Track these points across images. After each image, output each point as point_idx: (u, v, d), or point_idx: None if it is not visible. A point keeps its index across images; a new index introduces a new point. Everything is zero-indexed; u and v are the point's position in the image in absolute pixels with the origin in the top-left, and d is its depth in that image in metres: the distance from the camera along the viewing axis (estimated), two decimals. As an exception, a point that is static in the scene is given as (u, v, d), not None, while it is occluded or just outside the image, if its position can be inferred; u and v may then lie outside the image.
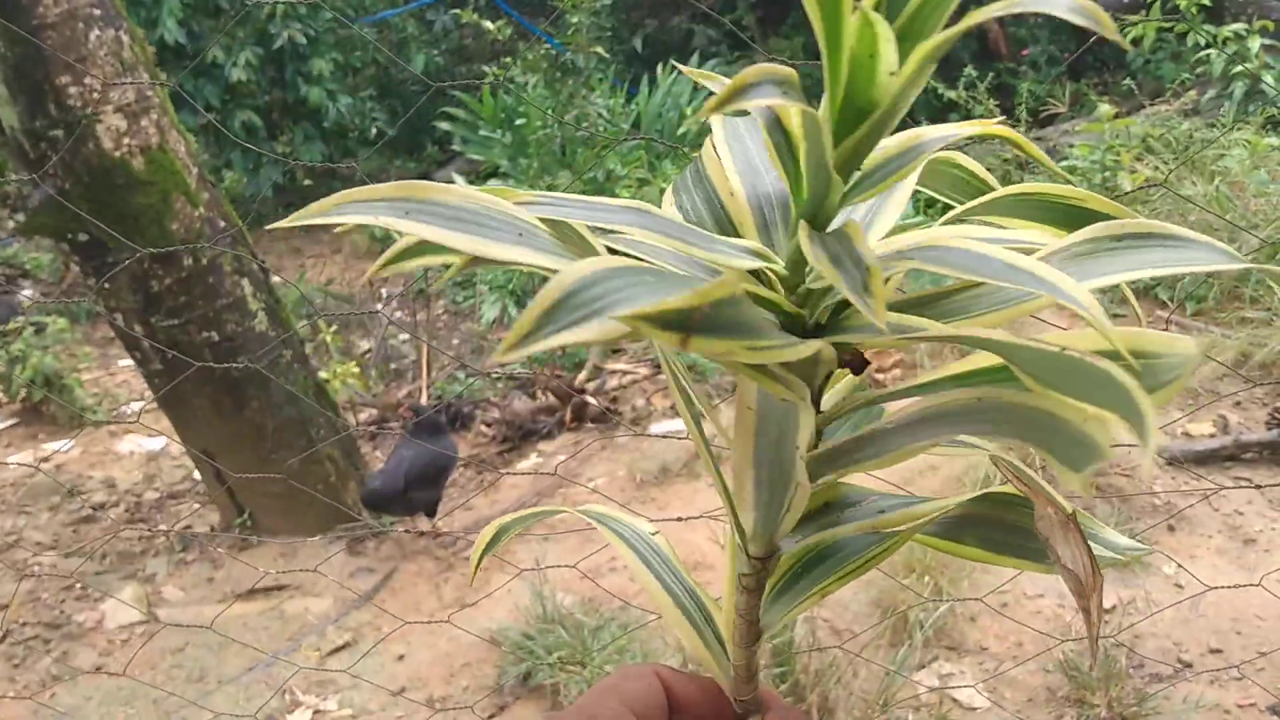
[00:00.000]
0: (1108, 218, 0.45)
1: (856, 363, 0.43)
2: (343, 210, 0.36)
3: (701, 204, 0.50)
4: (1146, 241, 0.41)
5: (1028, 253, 0.41)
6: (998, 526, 0.48)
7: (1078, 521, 0.41)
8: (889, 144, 0.43)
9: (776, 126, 0.43)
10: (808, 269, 0.42)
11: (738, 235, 0.47)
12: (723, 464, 0.52)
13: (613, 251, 0.42)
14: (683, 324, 0.31)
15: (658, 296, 0.31)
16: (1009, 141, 0.46)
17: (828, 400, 0.46)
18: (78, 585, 3.16)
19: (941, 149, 0.44)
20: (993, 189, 0.49)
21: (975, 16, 0.34)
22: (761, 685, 0.53)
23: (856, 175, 0.41)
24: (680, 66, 0.55)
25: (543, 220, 0.39)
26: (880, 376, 3.75)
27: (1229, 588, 1.72)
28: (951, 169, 0.52)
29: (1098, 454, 0.31)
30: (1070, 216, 0.46)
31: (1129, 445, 0.31)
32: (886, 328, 0.34)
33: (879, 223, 0.47)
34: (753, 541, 0.46)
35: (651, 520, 0.61)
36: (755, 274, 0.43)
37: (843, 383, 0.48)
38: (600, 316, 0.30)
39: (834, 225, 0.41)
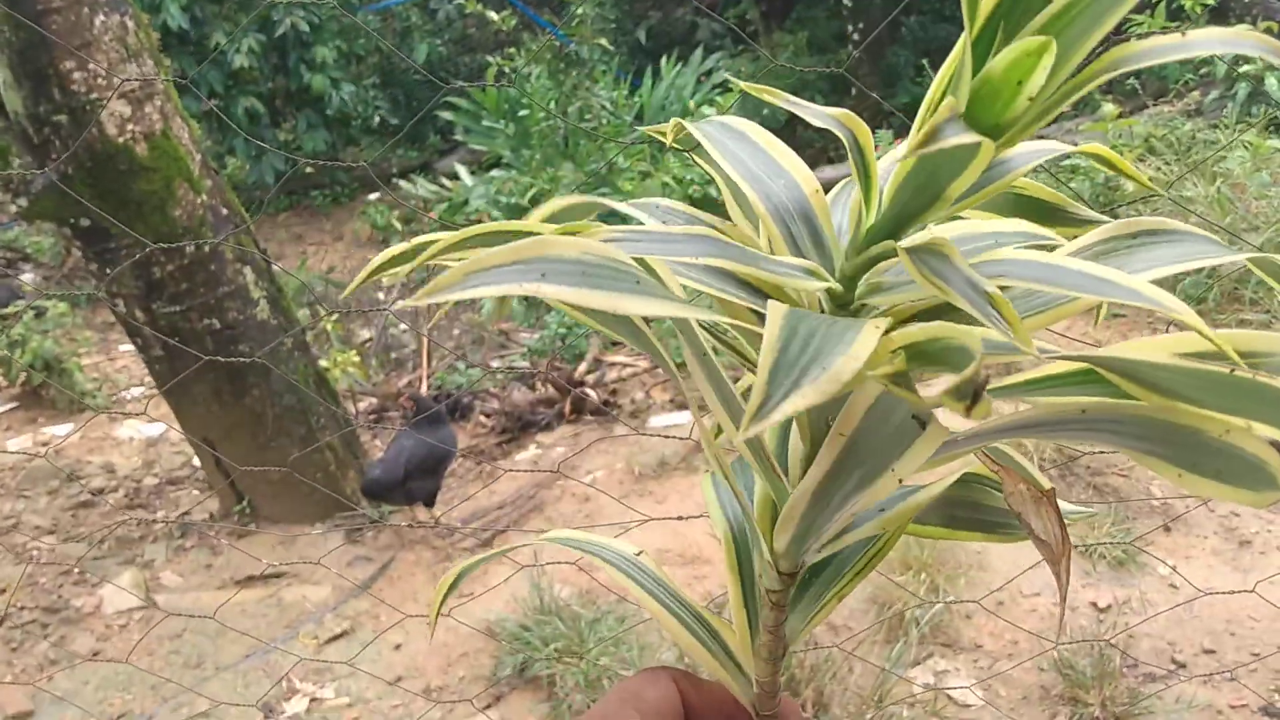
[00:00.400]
0: (1041, 202, 0.48)
1: None
2: (473, 282, 0.34)
3: (682, 218, 0.48)
4: (1157, 238, 0.42)
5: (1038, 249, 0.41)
6: (962, 505, 0.50)
7: (1054, 498, 0.42)
8: None
9: (855, 146, 0.42)
10: (858, 286, 0.43)
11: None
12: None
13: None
14: (973, 391, 0.31)
15: (841, 342, 0.32)
16: (1108, 163, 0.47)
17: None
18: (76, 570, 3.17)
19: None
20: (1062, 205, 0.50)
21: (1120, 52, 0.34)
22: (782, 695, 0.52)
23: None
24: (746, 86, 0.53)
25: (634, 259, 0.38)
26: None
27: (1224, 593, 1.72)
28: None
29: (1266, 467, 0.32)
30: (1010, 203, 0.48)
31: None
32: (1036, 353, 0.35)
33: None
34: (784, 558, 0.46)
35: (651, 518, 0.60)
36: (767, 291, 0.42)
37: None
38: (815, 370, 0.31)
39: (910, 241, 0.40)
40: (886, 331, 0.34)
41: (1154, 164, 4.38)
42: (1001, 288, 0.39)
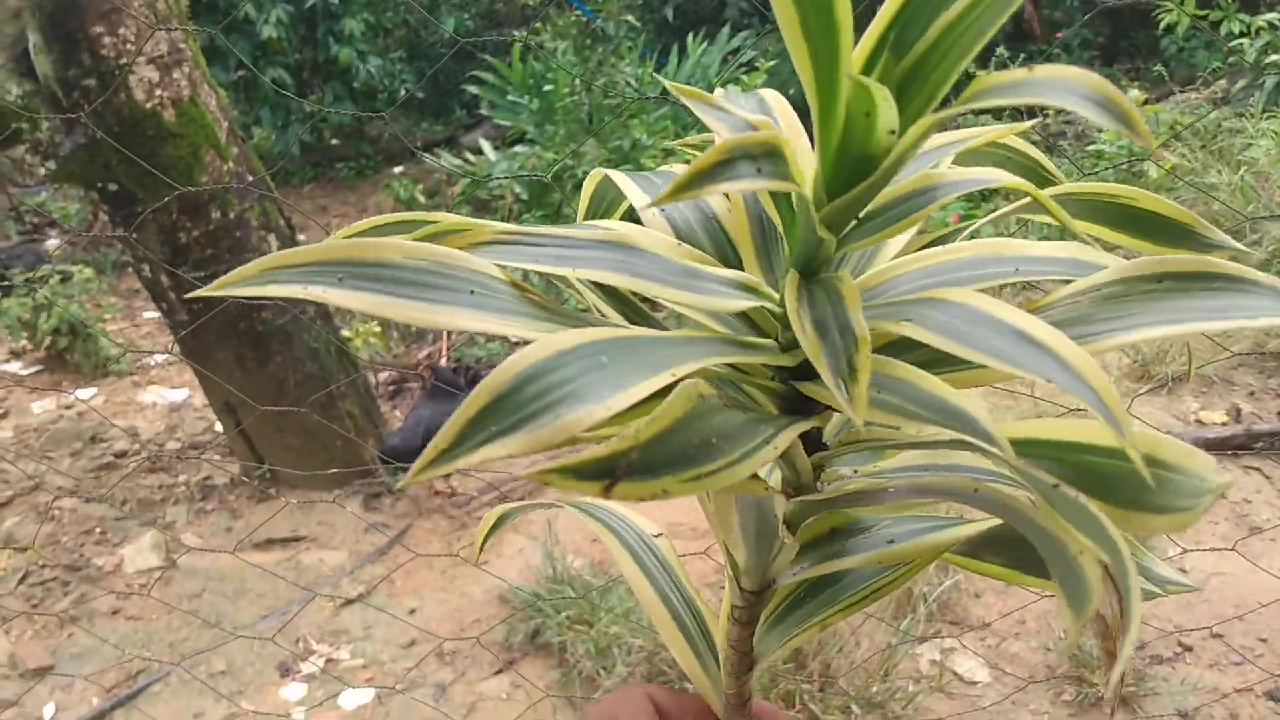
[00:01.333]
0: (1159, 216, 0.41)
1: None
2: (268, 278, 0.32)
3: (692, 214, 0.45)
4: (1191, 283, 0.35)
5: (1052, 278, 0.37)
6: (1022, 546, 0.43)
7: (1109, 567, 0.38)
8: (900, 183, 0.38)
9: (770, 159, 0.35)
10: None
11: (735, 252, 0.43)
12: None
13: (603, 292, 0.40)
14: (606, 473, 0.28)
15: (617, 387, 0.28)
16: (1025, 157, 0.43)
17: (832, 431, 0.43)
18: (97, 530, 3.21)
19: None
20: (1050, 173, 0.46)
21: (987, 82, 0.31)
22: (758, 702, 0.51)
23: (853, 224, 0.37)
24: (666, 82, 0.48)
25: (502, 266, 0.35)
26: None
27: (1205, 550, 1.74)
28: (1000, 150, 0.46)
29: (1090, 598, 0.29)
30: (1119, 215, 0.42)
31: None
32: (862, 423, 0.30)
33: (889, 245, 0.44)
34: (745, 575, 0.44)
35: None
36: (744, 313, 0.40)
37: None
38: (546, 418, 0.27)
39: (828, 272, 0.38)
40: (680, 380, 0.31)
41: (1179, 151, 4.37)
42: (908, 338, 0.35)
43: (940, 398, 0.32)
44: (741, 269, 0.42)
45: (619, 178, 0.48)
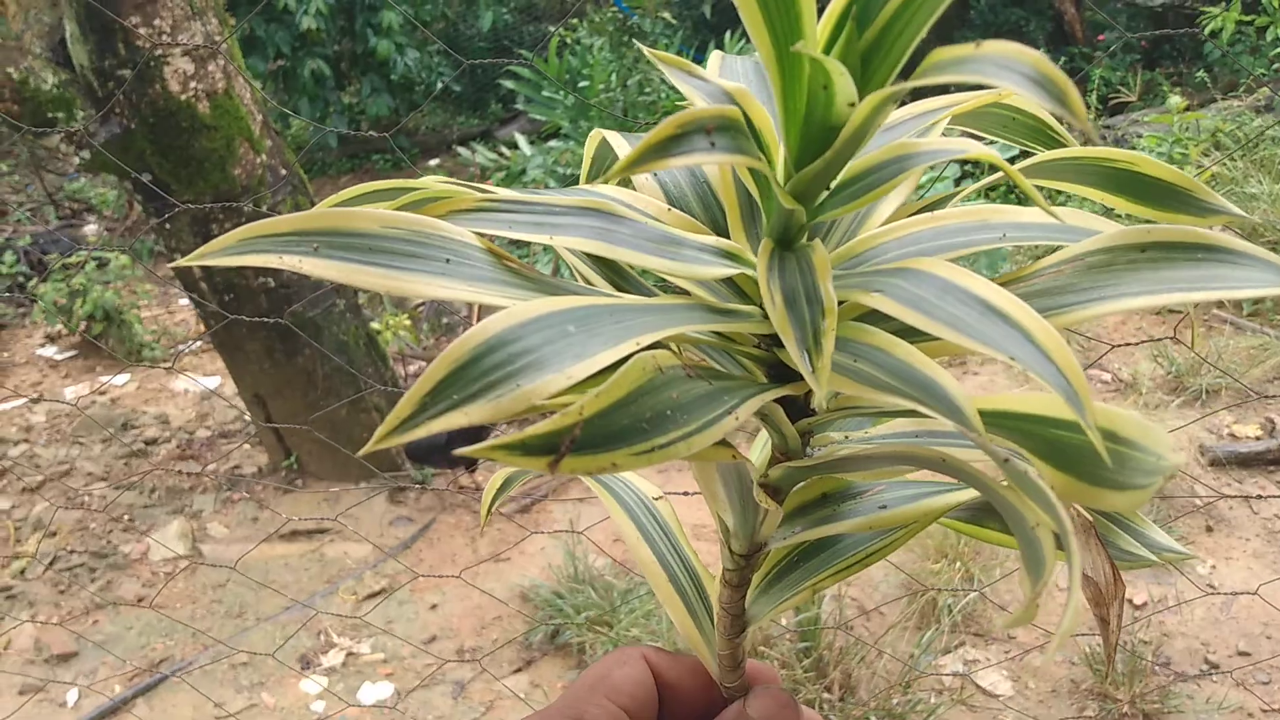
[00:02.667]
0: (1159, 181, 0.40)
1: None
2: (245, 248, 0.32)
3: (684, 179, 0.45)
4: (1176, 253, 0.34)
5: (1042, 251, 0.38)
6: None
7: (1097, 530, 0.38)
8: (873, 153, 0.37)
9: (724, 132, 0.34)
10: None
11: (725, 217, 0.43)
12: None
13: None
14: (551, 448, 0.28)
15: (579, 356, 0.28)
16: (999, 169, 0.39)
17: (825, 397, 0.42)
18: (125, 517, 3.24)
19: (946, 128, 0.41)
20: (1057, 133, 0.44)
21: (938, 56, 0.30)
22: (753, 662, 0.51)
23: (824, 194, 0.37)
24: (646, 49, 0.48)
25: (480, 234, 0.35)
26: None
27: (1227, 594, 1.71)
28: (1004, 111, 0.45)
29: (1044, 568, 0.29)
30: (1119, 179, 0.41)
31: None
32: (824, 402, 0.30)
33: (880, 209, 0.43)
34: (735, 539, 0.44)
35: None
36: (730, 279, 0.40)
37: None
38: (508, 386, 0.27)
39: (805, 240, 0.38)
40: (648, 348, 0.30)
41: (1219, 159, 4.31)
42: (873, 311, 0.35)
43: (911, 367, 0.32)
44: (729, 235, 0.42)
45: (614, 139, 0.48)
